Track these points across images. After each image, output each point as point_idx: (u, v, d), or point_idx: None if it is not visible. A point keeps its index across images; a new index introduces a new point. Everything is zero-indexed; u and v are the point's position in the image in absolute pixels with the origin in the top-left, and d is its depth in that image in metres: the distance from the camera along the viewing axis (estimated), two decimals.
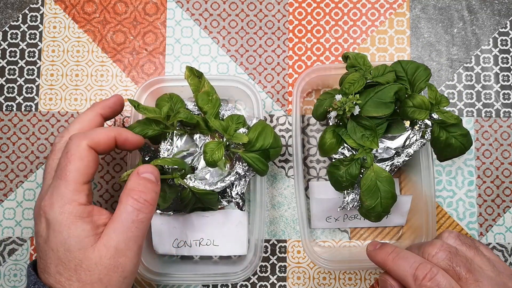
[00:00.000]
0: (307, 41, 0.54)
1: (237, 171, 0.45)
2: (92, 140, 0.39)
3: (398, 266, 0.38)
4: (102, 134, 0.39)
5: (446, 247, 0.38)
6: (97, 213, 0.38)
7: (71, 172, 0.37)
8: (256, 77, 0.54)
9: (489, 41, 0.54)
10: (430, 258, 0.38)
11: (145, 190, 0.39)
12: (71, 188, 0.37)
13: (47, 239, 0.37)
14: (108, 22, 0.54)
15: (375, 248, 0.42)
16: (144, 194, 0.38)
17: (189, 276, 0.47)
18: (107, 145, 0.40)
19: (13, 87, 0.53)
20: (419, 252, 0.40)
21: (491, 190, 0.52)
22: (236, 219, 0.49)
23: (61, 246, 0.36)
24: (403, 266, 0.38)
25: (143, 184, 0.39)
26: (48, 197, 0.37)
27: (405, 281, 0.37)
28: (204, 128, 0.45)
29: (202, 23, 0.54)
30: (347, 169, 0.44)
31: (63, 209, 0.36)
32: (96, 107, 0.44)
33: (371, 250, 0.42)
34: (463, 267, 0.37)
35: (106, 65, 0.54)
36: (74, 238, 0.36)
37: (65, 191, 0.37)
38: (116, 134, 0.40)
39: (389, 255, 0.40)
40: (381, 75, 0.43)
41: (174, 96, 0.46)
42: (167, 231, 0.49)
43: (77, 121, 0.43)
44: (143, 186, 0.39)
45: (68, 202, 0.36)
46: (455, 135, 0.44)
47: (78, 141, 0.38)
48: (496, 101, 0.53)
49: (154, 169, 0.40)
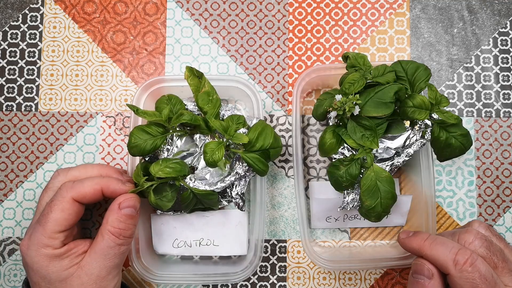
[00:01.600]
0: (307, 41, 0.54)
1: (237, 171, 0.45)
2: (78, 193, 0.40)
3: (437, 251, 0.38)
4: (88, 188, 0.41)
5: (482, 236, 0.39)
6: (75, 246, 0.41)
7: (50, 221, 0.39)
8: (256, 77, 0.54)
9: (489, 41, 0.54)
10: (467, 245, 0.39)
11: (125, 227, 0.41)
12: (47, 236, 0.39)
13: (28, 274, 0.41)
14: (108, 22, 0.54)
15: (408, 235, 0.42)
16: (125, 231, 0.41)
17: (189, 276, 0.47)
18: (93, 198, 0.41)
19: (13, 87, 0.53)
20: (453, 238, 0.40)
21: (491, 190, 0.52)
22: (236, 219, 0.49)
23: (42, 280, 0.40)
24: (442, 251, 0.38)
25: (123, 221, 0.41)
26: (26, 239, 0.40)
27: (444, 266, 0.37)
28: (204, 128, 0.45)
29: (202, 23, 0.54)
30: (347, 169, 0.44)
31: (38, 252, 0.39)
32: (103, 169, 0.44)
33: (405, 237, 0.42)
34: (499, 256, 0.38)
35: (106, 65, 0.54)
36: (53, 273, 0.39)
37: (41, 237, 0.39)
38: (103, 187, 0.41)
39: (425, 241, 0.40)
40: (381, 75, 0.43)
41: (173, 97, 0.46)
42: (167, 231, 0.49)
43: (78, 169, 0.44)
44: (124, 224, 0.41)
45: (43, 247, 0.39)
46: (455, 135, 0.44)
47: (64, 192, 0.40)
48: (496, 101, 0.53)
49: (135, 201, 0.42)
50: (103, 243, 0.40)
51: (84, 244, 0.42)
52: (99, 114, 0.53)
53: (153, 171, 0.41)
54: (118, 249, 0.41)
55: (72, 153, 0.52)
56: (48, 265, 0.39)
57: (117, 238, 0.40)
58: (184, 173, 0.43)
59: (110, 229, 0.40)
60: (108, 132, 0.53)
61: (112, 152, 0.53)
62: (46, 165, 0.52)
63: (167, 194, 0.44)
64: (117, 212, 0.41)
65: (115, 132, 0.53)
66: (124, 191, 0.42)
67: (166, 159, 0.43)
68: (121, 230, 0.41)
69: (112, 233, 0.40)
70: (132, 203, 0.41)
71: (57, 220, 0.39)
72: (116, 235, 0.40)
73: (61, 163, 0.52)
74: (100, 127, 0.53)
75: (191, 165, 0.46)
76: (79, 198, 0.41)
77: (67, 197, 0.40)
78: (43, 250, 0.39)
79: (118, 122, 0.53)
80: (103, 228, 0.41)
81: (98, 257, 0.40)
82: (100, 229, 0.41)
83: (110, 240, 0.40)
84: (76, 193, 0.40)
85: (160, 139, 0.44)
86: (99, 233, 0.41)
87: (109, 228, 0.40)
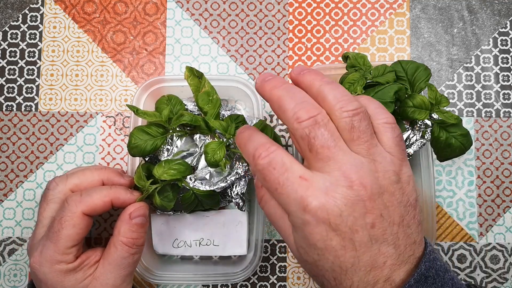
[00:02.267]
0: (307, 41, 0.54)
1: (237, 171, 0.45)
2: (88, 206, 0.39)
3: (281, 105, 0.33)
4: (98, 201, 0.40)
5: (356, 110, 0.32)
6: (87, 258, 0.41)
7: (62, 238, 0.39)
8: (256, 77, 0.54)
9: (489, 41, 0.54)
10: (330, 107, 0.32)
11: (138, 236, 0.41)
12: (60, 252, 0.39)
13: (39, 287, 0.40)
14: (108, 22, 0.54)
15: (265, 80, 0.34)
16: (138, 240, 0.41)
17: (189, 276, 0.47)
18: (102, 210, 0.41)
19: (13, 87, 0.53)
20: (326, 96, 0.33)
21: (491, 190, 0.52)
22: (236, 219, 0.49)
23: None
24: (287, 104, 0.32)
25: (135, 231, 0.41)
26: (38, 255, 0.39)
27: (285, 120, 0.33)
28: (205, 128, 0.45)
29: (202, 23, 0.54)
30: None
31: (52, 269, 0.39)
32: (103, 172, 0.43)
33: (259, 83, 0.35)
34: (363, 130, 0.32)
35: (106, 65, 0.54)
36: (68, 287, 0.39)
37: (54, 254, 0.39)
38: (113, 199, 0.41)
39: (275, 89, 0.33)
40: (381, 75, 0.43)
41: (173, 97, 0.46)
42: (167, 231, 0.49)
43: (77, 175, 0.43)
44: (136, 233, 0.41)
45: (56, 263, 0.39)
46: (455, 135, 0.44)
47: (73, 208, 0.39)
48: (496, 101, 0.53)
49: (145, 210, 0.42)
50: (117, 254, 0.40)
51: (95, 254, 0.41)
52: (99, 114, 0.53)
53: (157, 173, 0.42)
54: (131, 258, 0.41)
55: (72, 153, 0.52)
56: (63, 280, 0.39)
57: (130, 248, 0.40)
58: (188, 174, 0.43)
59: (123, 240, 0.40)
60: (108, 132, 0.53)
61: (112, 152, 0.53)
62: (46, 165, 0.52)
63: (169, 194, 0.44)
64: (129, 223, 0.40)
65: (115, 132, 0.53)
66: (133, 201, 0.42)
67: (168, 160, 0.43)
68: (134, 240, 0.40)
69: (125, 243, 0.40)
70: (142, 212, 0.41)
71: (70, 236, 0.39)
72: (129, 245, 0.40)
73: (61, 163, 0.52)
74: (100, 127, 0.53)
75: (191, 165, 0.46)
76: (89, 212, 0.40)
77: (77, 212, 0.39)
78: (57, 266, 0.39)
79: (118, 122, 0.53)
80: (115, 239, 0.40)
81: (113, 268, 0.40)
82: (112, 239, 0.41)
83: (123, 251, 0.40)
84: (86, 207, 0.39)
85: (160, 139, 0.44)
86: (111, 244, 0.41)
87: (122, 239, 0.40)
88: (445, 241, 0.52)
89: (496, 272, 0.52)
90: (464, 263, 0.52)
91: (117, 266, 0.40)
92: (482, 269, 0.52)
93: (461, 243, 0.52)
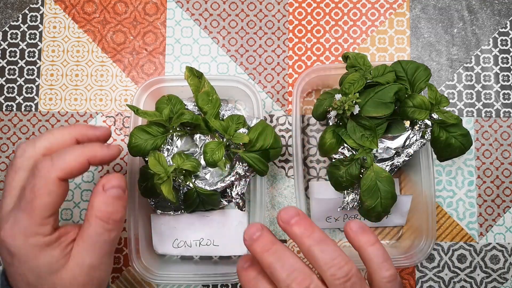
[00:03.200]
0: (307, 41, 0.54)
1: (237, 171, 0.45)
2: (62, 170, 0.35)
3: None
4: (73, 162, 0.36)
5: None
6: (65, 233, 0.37)
7: (37, 208, 0.34)
8: (256, 77, 0.54)
9: (489, 41, 0.54)
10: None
11: (113, 210, 0.36)
12: (36, 223, 0.35)
13: (12, 265, 0.35)
14: (108, 22, 0.54)
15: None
16: (113, 214, 0.36)
17: (189, 276, 0.47)
18: (79, 172, 0.36)
19: (13, 87, 0.53)
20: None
21: (491, 190, 0.52)
22: (236, 219, 0.49)
23: (30, 273, 0.35)
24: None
25: (111, 203, 0.36)
26: (10, 228, 0.35)
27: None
28: (204, 128, 0.45)
29: (202, 23, 0.54)
30: (347, 169, 0.44)
31: (27, 242, 0.34)
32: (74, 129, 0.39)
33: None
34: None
35: (106, 65, 0.54)
36: (43, 266, 0.35)
37: (29, 226, 0.34)
38: (89, 158, 0.37)
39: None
40: (381, 75, 0.43)
41: (173, 97, 0.46)
42: (167, 231, 0.49)
43: (46, 137, 0.38)
44: (111, 206, 0.36)
45: (32, 236, 0.35)
46: (455, 135, 0.44)
47: (46, 173, 0.35)
48: (496, 101, 0.53)
49: (120, 180, 0.37)
50: (91, 230, 0.36)
51: (74, 231, 0.37)
52: (99, 114, 0.53)
53: (177, 162, 0.42)
54: (108, 235, 0.36)
55: None
56: (38, 255, 0.35)
57: (106, 223, 0.36)
58: (198, 170, 0.44)
59: (97, 214, 0.36)
60: None
61: None
62: None
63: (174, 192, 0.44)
64: (103, 195, 0.36)
65: (115, 132, 0.53)
66: (112, 156, 0.38)
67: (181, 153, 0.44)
68: (110, 214, 0.36)
69: (99, 218, 0.36)
70: (117, 183, 0.37)
71: (45, 205, 0.35)
72: (104, 220, 0.36)
73: None
74: None
75: None
76: (65, 176, 0.35)
77: (51, 178, 0.35)
78: (32, 240, 0.34)
79: (118, 122, 0.53)
80: (89, 213, 0.36)
81: (88, 246, 0.36)
82: (86, 215, 0.36)
83: (98, 226, 0.36)
84: (61, 172, 0.35)
85: (160, 139, 0.44)
86: (85, 220, 0.36)
87: (96, 213, 0.36)
88: (445, 241, 0.52)
89: (496, 272, 0.52)
90: (464, 263, 0.52)
91: (92, 244, 0.36)
92: (482, 269, 0.52)
93: (461, 243, 0.52)
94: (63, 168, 0.35)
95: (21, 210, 0.35)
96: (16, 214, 0.35)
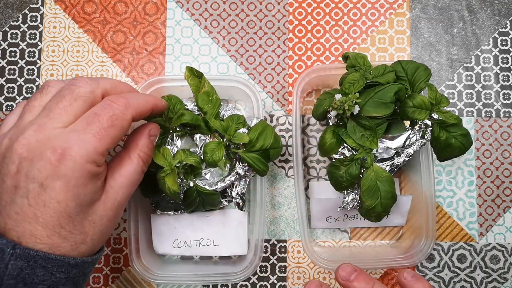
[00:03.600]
0: (307, 41, 0.54)
1: (237, 171, 0.45)
2: (136, 111, 0.37)
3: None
4: (144, 106, 0.38)
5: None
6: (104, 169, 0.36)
7: (109, 136, 0.35)
8: (256, 77, 0.54)
9: (489, 41, 0.54)
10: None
11: (150, 153, 0.40)
12: (100, 152, 0.34)
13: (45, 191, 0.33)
14: (108, 22, 0.54)
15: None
16: (150, 159, 0.40)
17: (189, 276, 0.47)
18: (140, 117, 0.38)
19: (13, 87, 0.53)
20: None
21: (491, 190, 0.52)
22: (236, 219, 0.49)
23: (71, 200, 0.33)
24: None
25: (151, 149, 0.40)
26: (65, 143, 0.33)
27: None
28: (204, 128, 0.45)
29: (202, 23, 0.54)
30: (347, 169, 0.44)
31: (84, 167, 0.33)
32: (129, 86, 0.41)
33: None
34: None
35: (106, 65, 0.54)
36: (87, 194, 0.34)
37: (92, 151, 0.34)
38: (153, 106, 0.39)
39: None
40: (381, 75, 0.43)
41: (173, 97, 0.46)
42: (167, 231, 0.49)
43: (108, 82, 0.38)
44: (150, 152, 0.40)
45: (89, 162, 0.34)
46: (455, 135, 0.44)
47: (124, 110, 0.36)
48: (496, 101, 0.53)
49: (158, 131, 0.41)
50: (131, 167, 0.37)
51: (105, 166, 0.37)
52: None
53: (181, 157, 0.42)
54: (139, 176, 0.38)
55: None
56: (87, 183, 0.34)
57: (144, 165, 0.38)
58: (200, 168, 0.45)
59: (140, 154, 0.38)
60: None
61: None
62: None
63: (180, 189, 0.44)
64: (148, 138, 0.39)
65: None
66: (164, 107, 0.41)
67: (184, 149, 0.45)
68: (149, 157, 0.39)
69: (141, 158, 0.38)
70: (157, 132, 0.40)
71: (115, 138, 0.35)
72: (144, 161, 0.38)
73: None
74: None
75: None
76: (136, 117, 0.37)
77: (128, 115, 0.36)
78: (88, 166, 0.33)
79: None
80: (132, 151, 0.38)
81: (124, 182, 0.37)
82: (127, 152, 0.38)
83: (138, 165, 0.38)
84: (135, 112, 0.37)
85: (160, 139, 0.44)
86: (125, 156, 0.37)
87: (140, 153, 0.38)
88: (445, 241, 0.52)
89: (496, 272, 0.52)
90: (464, 263, 0.52)
91: (128, 181, 0.37)
92: (482, 269, 0.52)
93: (461, 243, 0.52)
94: (136, 109, 0.37)
95: (89, 134, 0.34)
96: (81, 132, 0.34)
